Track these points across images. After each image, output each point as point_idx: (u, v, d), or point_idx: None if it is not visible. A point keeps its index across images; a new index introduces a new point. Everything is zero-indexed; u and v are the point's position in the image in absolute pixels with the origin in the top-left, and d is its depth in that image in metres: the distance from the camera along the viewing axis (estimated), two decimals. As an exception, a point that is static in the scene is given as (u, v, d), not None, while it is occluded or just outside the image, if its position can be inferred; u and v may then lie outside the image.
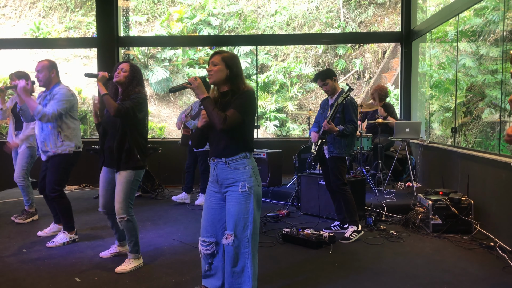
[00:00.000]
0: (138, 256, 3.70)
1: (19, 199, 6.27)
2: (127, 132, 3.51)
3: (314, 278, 3.45)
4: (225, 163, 2.80)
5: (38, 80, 4.18)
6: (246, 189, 2.74)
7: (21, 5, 14.23)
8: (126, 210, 3.51)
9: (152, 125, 12.10)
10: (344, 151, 4.44)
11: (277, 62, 13.24)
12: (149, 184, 6.96)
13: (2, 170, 6.90)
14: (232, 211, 2.75)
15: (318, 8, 13.45)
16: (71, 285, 3.32)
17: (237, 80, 2.81)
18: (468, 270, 3.60)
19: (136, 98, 3.50)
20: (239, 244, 2.74)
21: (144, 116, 3.59)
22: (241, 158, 2.79)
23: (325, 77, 4.42)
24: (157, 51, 12.90)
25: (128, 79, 3.55)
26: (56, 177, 4.18)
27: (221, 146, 2.81)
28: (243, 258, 2.75)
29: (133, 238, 3.63)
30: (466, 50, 9.17)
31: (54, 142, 4.15)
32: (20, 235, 4.61)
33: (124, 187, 3.50)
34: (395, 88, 11.62)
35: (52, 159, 4.18)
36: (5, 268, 3.66)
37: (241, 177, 2.76)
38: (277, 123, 12.17)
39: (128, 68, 3.57)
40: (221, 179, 2.83)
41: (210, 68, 2.81)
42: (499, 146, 5.49)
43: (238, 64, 2.84)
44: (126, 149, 3.49)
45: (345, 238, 4.38)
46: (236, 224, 2.73)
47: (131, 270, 3.58)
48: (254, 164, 2.85)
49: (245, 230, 2.74)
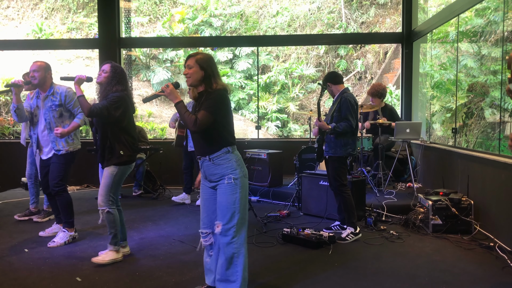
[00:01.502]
0: (117, 249, 3.82)
1: (21, 199, 6.31)
2: (107, 130, 3.70)
3: (313, 278, 3.47)
4: (209, 160, 2.94)
5: (33, 79, 4.26)
6: (232, 181, 2.89)
7: (24, 6, 14.29)
8: (106, 203, 3.70)
9: (153, 126, 12.13)
10: (339, 151, 4.42)
11: (279, 63, 13.26)
12: (150, 184, 6.99)
13: (4, 171, 6.95)
14: (221, 202, 2.91)
15: (319, 9, 13.47)
16: (72, 284, 3.35)
17: (210, 80, 2.93)
18: (468, 270, 3.61)
19: (111, 97, 3.65)
20: (227, 233, 2.88)
21: (123, 113, 3.70)
22: (224, 153, 2.92)
23: (325, 81, 4.53)
24: (159, 52, 12.94)
25: (108, 79, 3.71)
26: (61, 173, 4.30)
27: (202, 145, 2.96)
28: (230, 248, 2.88)
29: (113, 230, 3.78)
30: (467, 50, 9.17)
31: (65, 141, 4.30)
32: (21, 235, 4.64)
33: (106, 181, 3.70)
34: (396, 88, 11.62)
35: (58, 157, 4.29)
36: (7, 268, 3.69)
37: (226, 171, 2.90)
38: (279, 124, 12.18)
39: (109, 69, 3.73)
40: (208, 175, 2.98)
41: (186, 71, 2.94)
42: (499, 147, 5.49)
43: (212, 65, 2.96)
44: (108, 146, 3.70)
45: (341, 238, 4.39)
46: (223, 214, 2.89)
47: (108, 262, 3.72)
48: (237, 156, 2.98)
49: (232, 220, 2.88)
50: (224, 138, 2.93)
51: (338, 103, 4.40)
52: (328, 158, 4.52)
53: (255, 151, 6.66)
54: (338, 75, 4.57)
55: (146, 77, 12.68)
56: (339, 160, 4.46)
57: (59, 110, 4.28)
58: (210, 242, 3.04)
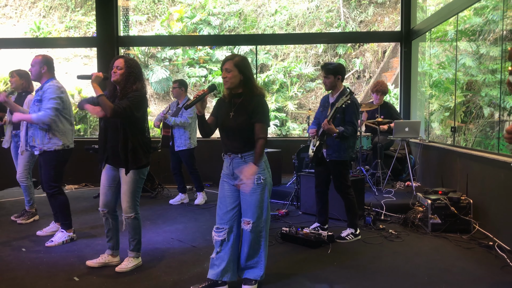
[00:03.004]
0: (138, 255, 3.70)
1: (19, 198, 6.29)
2: (127, 131, 3.45)
3: (312, 277, 3.45)
4: (241, 158, 3.08)
5: (31, 74, 4.29)
6: (261, 181, 3.06)
7: (22, 4, 14.25)
8: (134, 209, 3.54)
9: (151, 125, 12.10)
10: (343, 155, 4.30)
11: (277, 62, 13.25)
12: (148, 183, 6.95)
13: (1, 169, 6.91)
14: (250, 201, 3.06)
15: (318, 8, 13.46)
16: (69, 284, 3.33)
17: (249, 83, 3.08)
18: (467, 269, 3.60)
19: (134, 97, 3.41)
20: (257, 229, 3.09)
21: (143, 113, 3.54)
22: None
23: (329, 72, 4.29)
24: (157, 50, 12.91)
25: (124, 76, 3.44)
26: (50, 174, 4.21)
27: (237, 144, 3.09)
28: (259, 242, 3.12)
29: (137, 236, 3.64)
30: (466, 49, 9.17)
31: (41, 139, 4.16)
32: (19, 234, 4.61)
33: (130, 186, 3.50)
34: (395, 87, 11.61)
35: (42, 156, 4.21)
36: (4, 267, 3.67)
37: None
38: (277, 123, 12.17)
39: (124, 65, 3.44)
40: (237, 172, 3.08)
41: (225, 75, 3.04)
42: (499, 146, 5.48)
43: (249, 67, 3.10)
44: (131, 149, 3.44)
45: (341, 237, 4.37)
46: (253, 211, 3.06)
47: (131, 269, 3.58)
48: (265, 158, 3.15)
49: (261, 217, 3.10)
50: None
51: (343, 105, 4.16)
52: (331, 162, 4.37)
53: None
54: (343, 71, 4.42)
55: (145, 75, 12.65)
56: (343, 164, 4.37)
57: (38, 105, 4.13)
58: (223, 238, 3.09)
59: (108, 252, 3.73)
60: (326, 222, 4.66)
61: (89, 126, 12.31)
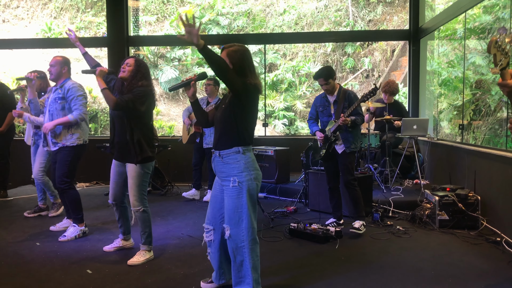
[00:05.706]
0: (150, 248, 3.80)
1: (31, 196, 6.41)
2: (132, 125, 3.60)
3: (320, 271, 3.50)
4: (218, 156, 2.85)
5: (50, 73, 4.39)
6: (236, 184, 2.76)
7: (33, 6, 14.44)
8: (141, 202, 3.67)
9: (162, 124, 12.22)
10: (357, 145, 4.58)
11: (286, 61, 13.28)
12: (158, 181, 7.05)
13: (15, 167, 7.04)
14: (227, 205, 2.82)
15: (326, 7, 13.46)
16: (82, 276, 3.41)
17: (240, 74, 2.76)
18: (474, 264, 3.63)
19: (137, 91, 3.57)
20: (235, 238, 2.79)
21: (148, 109, 3.67)
22: (234, 153, 2.79)
23: (328, 77, 4.48)
24: (167, 50, 13.02)
25: (132, 73, 3.64)
26: (65, 170, 4.33)
27: (217, 138, 2.87)
28: (240, 252, 2.80)
29: (147, 230, 3.75)
30: (475, 47, 9.13)
31: (64, 135, 4.32)
32: (33, 230, 4.72)
33: (136, 180, 3.64)
34: (403, 86, 11.59)
35: (61, 152, 4.33)
36: (19, 260, 3.77)
37: (232, 171, 2.78)
38: (286, 122, 12.21)
39: (133, 63, 3.65)
40: (216, 171, 2.91)
41: None
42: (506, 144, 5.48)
43: (243, 59, 2.80)
44: (136, 141, 3.59)
45: (355, 228, 4.43)
46: (230, 217, 2.80)
47: (143, 262, 3.68)
48: (249, 159, 2.80)
49: (240, 224, 2.77)
50: (241, 137, 2.79)
51: (345, 99, 4.48)
52: (345, 153, 4.51)
53: (262, 148, 6.70)
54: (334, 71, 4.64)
55: (154, 75, 12.75)
56: (352, 154, 4.57)
57: (62, 103, 4.30)
58: (210, 239, 3.00)
59: (121, 237, 4.05)
60: (341, 217, 4.75)
61: (99, 125, 12.46)
